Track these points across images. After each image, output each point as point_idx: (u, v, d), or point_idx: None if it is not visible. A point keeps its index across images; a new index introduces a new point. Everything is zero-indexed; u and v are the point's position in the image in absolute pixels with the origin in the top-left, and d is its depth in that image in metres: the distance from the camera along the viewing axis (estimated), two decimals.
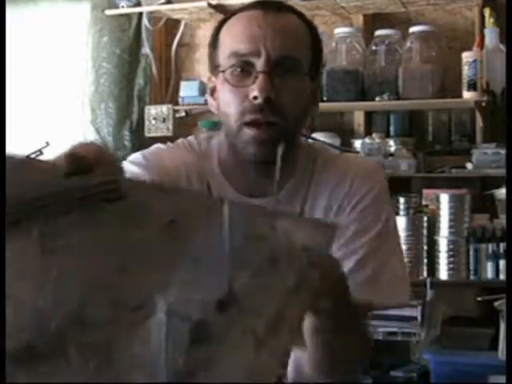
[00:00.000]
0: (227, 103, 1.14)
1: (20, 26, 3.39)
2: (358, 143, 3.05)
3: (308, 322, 0.80)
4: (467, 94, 2.88)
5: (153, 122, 3.21)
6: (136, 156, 1.20)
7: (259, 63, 1.11)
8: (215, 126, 2.64)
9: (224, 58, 1.14)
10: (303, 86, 1.16)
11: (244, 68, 1.12)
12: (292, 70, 1.13)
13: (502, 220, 2.77)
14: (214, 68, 1.18)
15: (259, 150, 1.11)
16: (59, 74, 3.37)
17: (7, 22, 3.08)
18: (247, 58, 1.12)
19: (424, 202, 2.93)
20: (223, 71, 1.14)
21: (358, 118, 3.17)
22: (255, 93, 1.10)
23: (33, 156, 0.70)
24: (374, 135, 3.02)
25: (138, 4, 3.25)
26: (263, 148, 1.11)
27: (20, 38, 3.38)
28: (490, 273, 2.81)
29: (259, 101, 1.09)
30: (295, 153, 1.19)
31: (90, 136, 3.31)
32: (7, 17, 3.05)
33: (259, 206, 0.73)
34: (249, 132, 1.11)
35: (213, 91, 1.20)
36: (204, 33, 3.38)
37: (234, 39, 1.14)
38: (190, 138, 1.26)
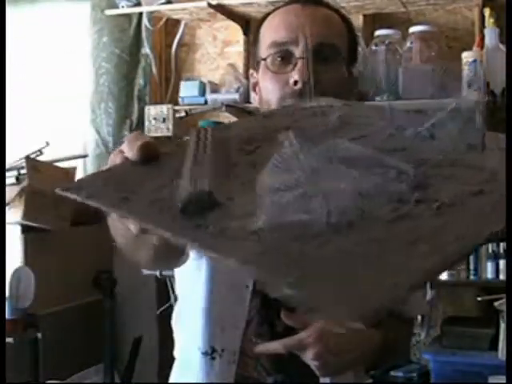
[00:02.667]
0: (268, 90, 1.18)
1: (20, 25, 3.39)
2: None
3: None
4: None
5: (153, 121, 3.21)
6: None
7: (298, 51, 1.15)
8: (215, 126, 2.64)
9: (265, 48, 1.19)
10: (341, 73, 1.19)
11: (284, 56, 1.17)
12: (330, 57, 1.17)
13: None
14: (256, 63, 1.22)
15: None
16: (59, 74, 3.37)
17: (7, 21, 3.07)
18: (287, 47, 1.16)
19: None
20: (264, 59, 1.18)
21: None
22: (295, 77, 1.14)
23: (33, 156, 0.70)
24: None
25: (138, 4, 3.25)
26: None
27: (20, 37, 3.38)
28: (490, 273, 2.81)
29: (299, 85, 1.13)
30: None
31: (90, 136, 3.32)
32: (7, 17, 3.05)
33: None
34: None
35: (254, 86, 1.25)
36: (204, 33, 3.38)
37: (273, 30, 1.19)
38: None
